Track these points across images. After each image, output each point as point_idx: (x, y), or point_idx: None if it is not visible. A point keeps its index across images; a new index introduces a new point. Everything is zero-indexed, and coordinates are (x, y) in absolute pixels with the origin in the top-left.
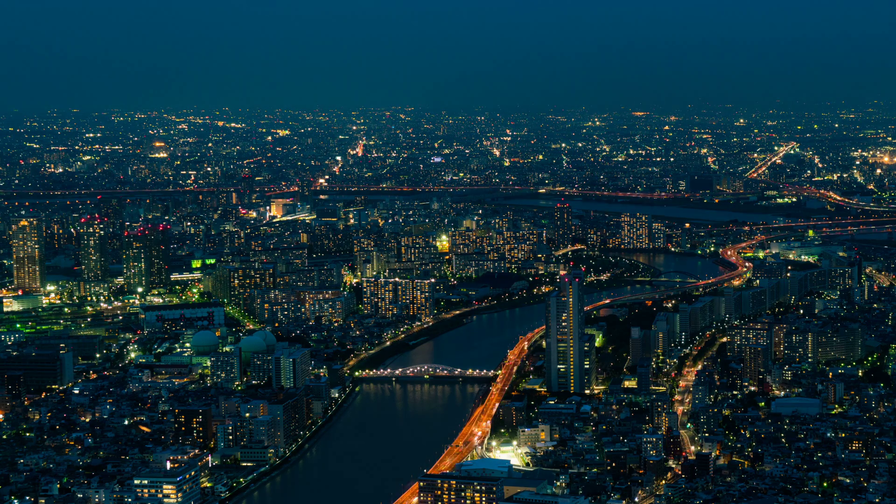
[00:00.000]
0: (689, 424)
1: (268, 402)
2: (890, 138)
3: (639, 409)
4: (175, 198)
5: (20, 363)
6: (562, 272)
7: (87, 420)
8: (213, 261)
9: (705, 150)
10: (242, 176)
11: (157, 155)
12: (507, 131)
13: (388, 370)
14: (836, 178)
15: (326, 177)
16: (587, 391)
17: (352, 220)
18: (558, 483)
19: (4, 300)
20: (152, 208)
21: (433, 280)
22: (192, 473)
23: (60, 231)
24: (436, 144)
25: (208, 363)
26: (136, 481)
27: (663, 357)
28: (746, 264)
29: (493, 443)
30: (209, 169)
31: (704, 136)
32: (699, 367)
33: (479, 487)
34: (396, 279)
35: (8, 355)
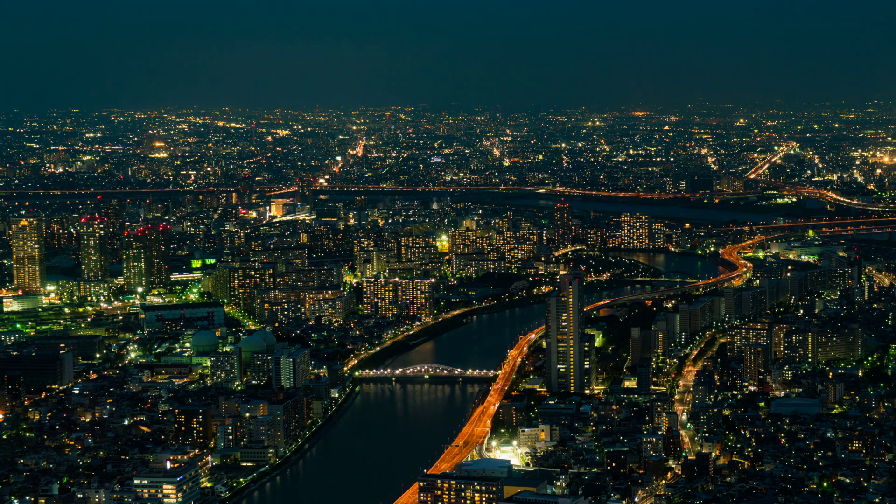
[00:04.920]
0: (689, 424)
1: (268, 402)
2: (890, 138)
3: (639, 409)
4: (175, 198)
5: (20, 363)
6: (562, 272)
7: (87, 420)
8: (213, 261)
9: (705, 150)
10: (242, 176)
11: (157, 155)
12: (507, 131)
13: (388, 370)
14: (836, 178)
15: (326, 177)
16: (587, 391)
17: (352, 220)
18: (558, 483)
19: (4, 300)
20: (152, 208)
21: (433, 280)
22: (192, 473)
23: (60, 231)
24: (436, 144)
25: (208, 363)
26: (136, 481)
27: (663, 357)
28: (746, 264)
29: (493, 443)
30: (209, 169)
31: (704, 136)
32: (699, 367)
33: (479, 487)
34: (396, 279)
35: (8, 355)
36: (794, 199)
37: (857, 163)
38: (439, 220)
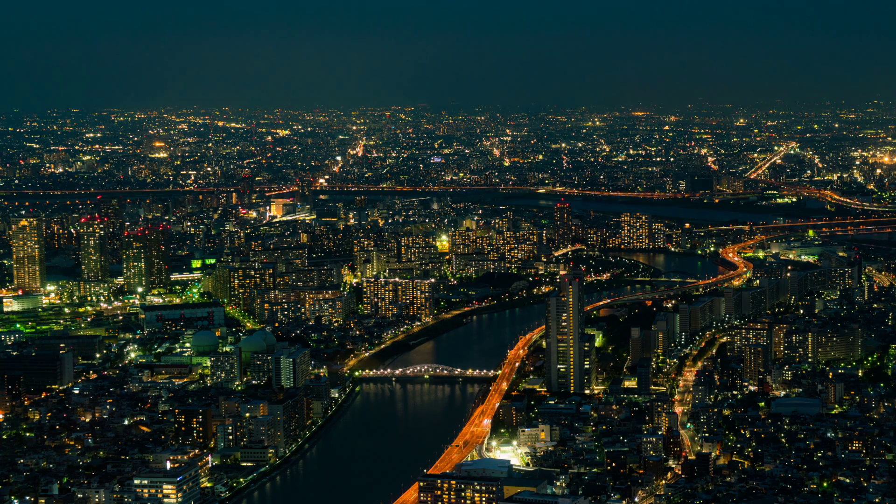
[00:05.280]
0: (689, 424)
1: (268, 402)
2: (890, 138)
3: (639, 409)
4: (175, 198)
5: (20, 363)
6: (562, 272)
7: (87, 420)
8: (213, 261)
9: (705, 150)
10: (242, 176)
11: (157, 155)
12: (507, 131)
13: (388, 370)
14: (836, 178)
15: (326, 177)
16: (587, 391)
17: (352, 220)
18: (558, 483)
19: (4, 300)
20: (152, 208)
21: (433, 280)
22: (192, 473)
23: (60, 231)
24: (436, 144)
25: (208, 363)
26: (136, 481)
27: (663, 357)
28: (746, 264)
29: (493, 443)
30: (209, 169)
31: (704, 136)
32: (699, 367)
33: (479, 487)
34: (396, 279)
35: (8, 355)
36: (794, 199)
37: (857, 163)
38: (439, 220)
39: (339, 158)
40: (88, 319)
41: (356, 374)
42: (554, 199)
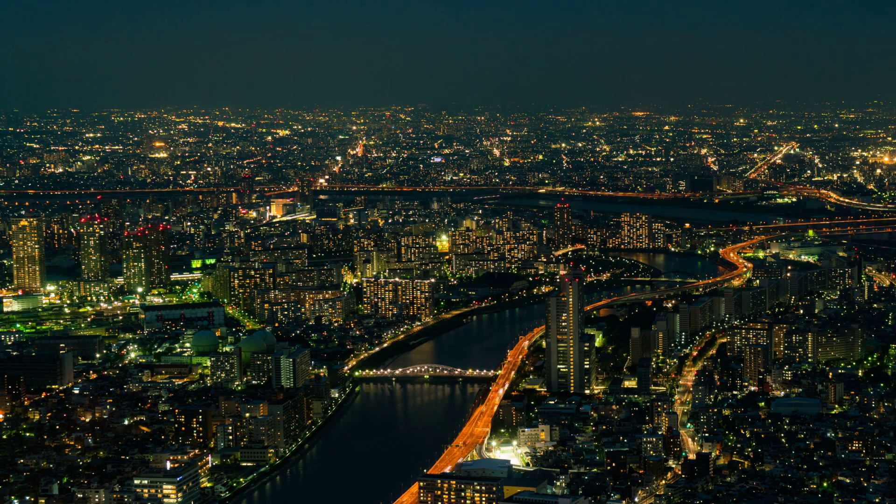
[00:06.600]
0: (689, 424)
1: (268, 402)
2: (890, 138)
3: (639, 409)
4: (175, 198)
5: (20, 363)
6: (562, 272)
7: (87, 420)
8: (213, 261)
9: (705, 150)
10: (242, 176)
11: (157, 155)
12: (507, 131)
13: (388, 370)
14: (836, 178)
15: (326, 177)
16: (587, 391)
17: (352, 220)
18: (558, 483)
19: (4, 300)
20: (152, 208)
21: (433, 280)
22: (192, 473)
23: (60, 231)
24: (436, 144)
25: (208, 363)
26: (136, 481)
27: (663, 357)
28: (746, 264)
29: (493, 443)
30: (209, 169)
31: (704, 136)
32: (699, 367)
33: (479, 487)
34: (396, 279)
35: (8, 355)
36: (794, 199)
37: (857, 163)
38: (439, 220)
39: (339, 158)
40: (88, 319)
41: (356, 374)
42: (554, 199)
